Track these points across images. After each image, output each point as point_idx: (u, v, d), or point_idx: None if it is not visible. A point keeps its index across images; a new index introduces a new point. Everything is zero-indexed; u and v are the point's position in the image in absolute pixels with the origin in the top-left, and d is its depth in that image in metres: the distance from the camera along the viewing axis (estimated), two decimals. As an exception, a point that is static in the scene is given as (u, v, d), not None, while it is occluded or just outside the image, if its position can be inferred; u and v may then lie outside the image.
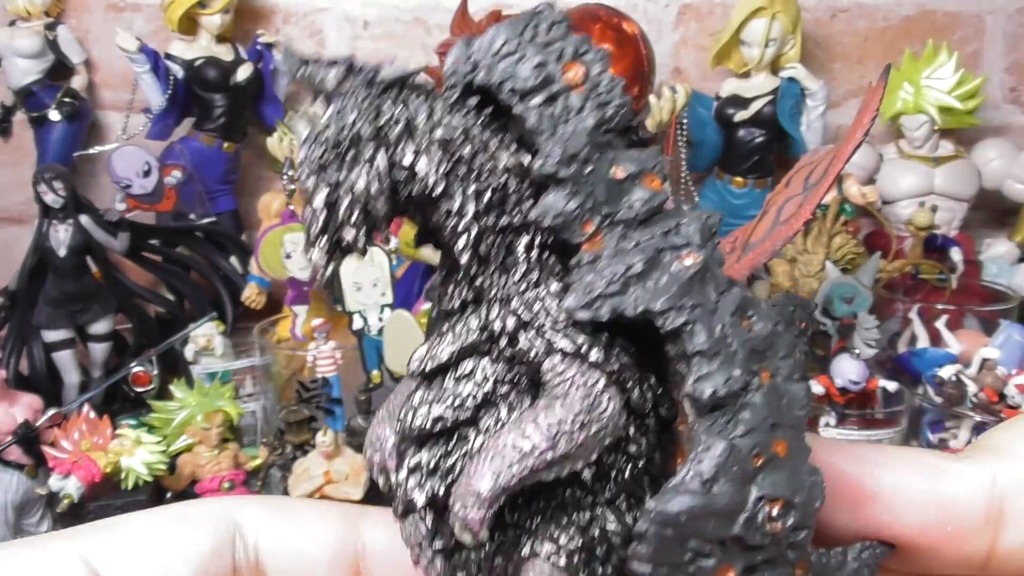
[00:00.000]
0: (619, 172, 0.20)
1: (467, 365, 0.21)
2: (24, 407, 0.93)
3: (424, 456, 0.21)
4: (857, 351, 0.93)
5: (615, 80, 0.21)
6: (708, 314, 0.19)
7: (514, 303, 0.21)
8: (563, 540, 0.21)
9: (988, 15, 1.29)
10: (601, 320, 0.20)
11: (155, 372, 1.05)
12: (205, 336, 1.08)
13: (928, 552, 0.22)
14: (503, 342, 0.21)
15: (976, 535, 0.21)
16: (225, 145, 1.26)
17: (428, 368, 0.21)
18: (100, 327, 1.10)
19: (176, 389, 0.95)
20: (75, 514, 0.87)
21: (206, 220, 1.23)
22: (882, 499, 0.21)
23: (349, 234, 0.20)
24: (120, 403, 1.08)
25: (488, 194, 0.20)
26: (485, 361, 0.21)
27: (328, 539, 0.25)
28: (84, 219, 1.06)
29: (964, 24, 1.30)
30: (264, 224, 1.17)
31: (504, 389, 0.21)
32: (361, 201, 0.20)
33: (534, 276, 0.21)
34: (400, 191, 0.20)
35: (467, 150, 0.20)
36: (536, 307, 0.20)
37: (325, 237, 0.20)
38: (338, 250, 0.20)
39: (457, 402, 0.21)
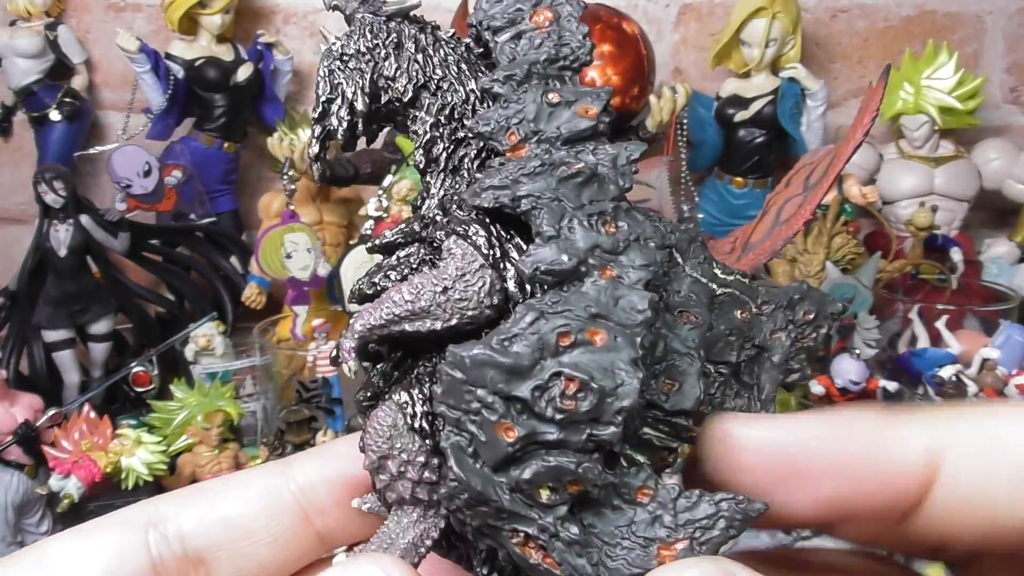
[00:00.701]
0: (554, 97, 0.23)
1: (409, 248, 0.25)
2: (24, 407, 0.93)
3: None
4: (857, 351, 0.93)
5: (580, 27, 0.24)
6: (564, 208, 0.21)
7: (444, 198, 0.24)
8: (416, 393, 0.23)
9: (988, 15, 1.29)
10: (483, 206, 0.22)
11: (155, 372, 1.06)
12: (205, 336, 1.08)
13: (865, 522, 0.22)
14: (429, 228, 0.24)
15: (908, 499, 0.21)
16: (225, 145, 1.26)
17: (376, 244, 0.26)
18: (100, 327, 1.10)
19: (176, 389, 0.96)
20: (75, 514, 0.87)
21: (206, 220, 1.23)
22: (829, 478, 0.21)
23: (333, 123, 0.26)
24: (120, 403, 1.08)
25: (448, 109, 0.25)
26: (418, 245, 0.25)
27: (254, 496, 0.25)
28: (84, 219, 1.06)
29: (964, 24, 1.30)
30: (264, 224, 1.17)
31: (425, 268, 0.24)
32: (347, 99, 0.25)
33: (468, 178, 0.24)
34: (381, 96, 0.25)
35: (439, 72, 0.25)
36: (455, 199, 0.24)
37: (319, 125, 0.26)
38: (326, 135, 0.26)
39: (392, 274, 0.25)
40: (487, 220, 0.23)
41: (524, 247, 0.22)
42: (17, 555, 0.24)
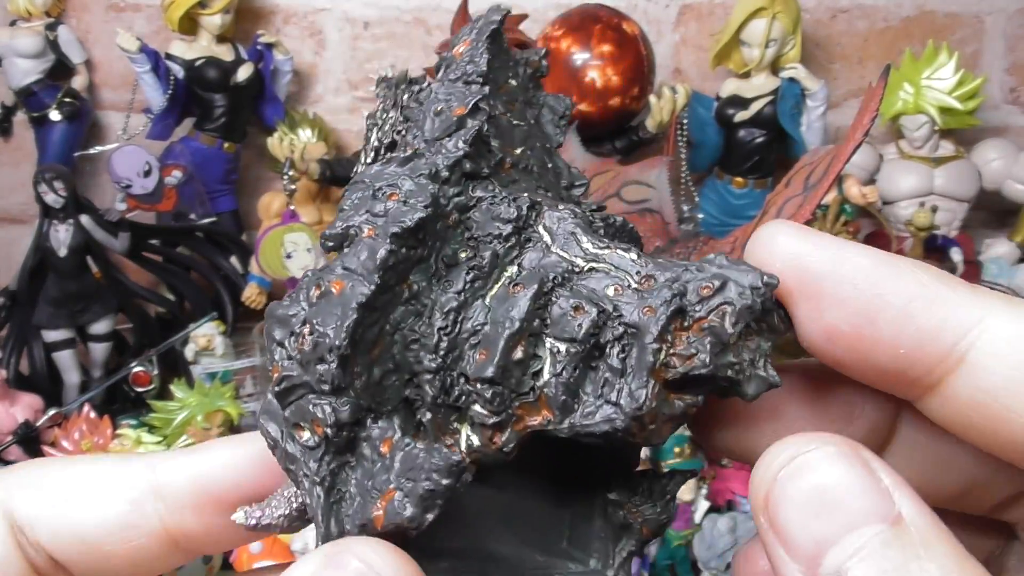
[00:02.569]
0: (439, 107, 0.24)
1: None
2: (24, 407, 0.93)
3: None
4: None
5: (480, 47, 0.25)
6: (365, 185, 0.23)
7: None
8: None
9: (988, 16, 1.29)
10: None
11: (155, 372, 1.06)
12: (205, 336, 1.08)
13: (873, 375, 0.20)
14: None
15: (929, 370, 0.19)
16: (225, 145, 1.26)
17: None
18: (100, 327, 1.10)
19: (176, 389, 0.96)
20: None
21: (206, 220, 1.23)
22: (852, 314, 0.20)
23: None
24: (120, 403, 1.08)
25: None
26: None
27: (114, 514, 0.24)
28: (84, 219, 1.06)
29: (964, 25, 1.30)
30: (264, 224, 1.17)
31: None
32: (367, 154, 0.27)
33: None
34: (381, 149, 0.27)
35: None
36: None
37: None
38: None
39: None
40: None
41: None
42: None
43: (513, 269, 0.22)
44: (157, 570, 0.25)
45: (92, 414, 0.93)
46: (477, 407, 0.21)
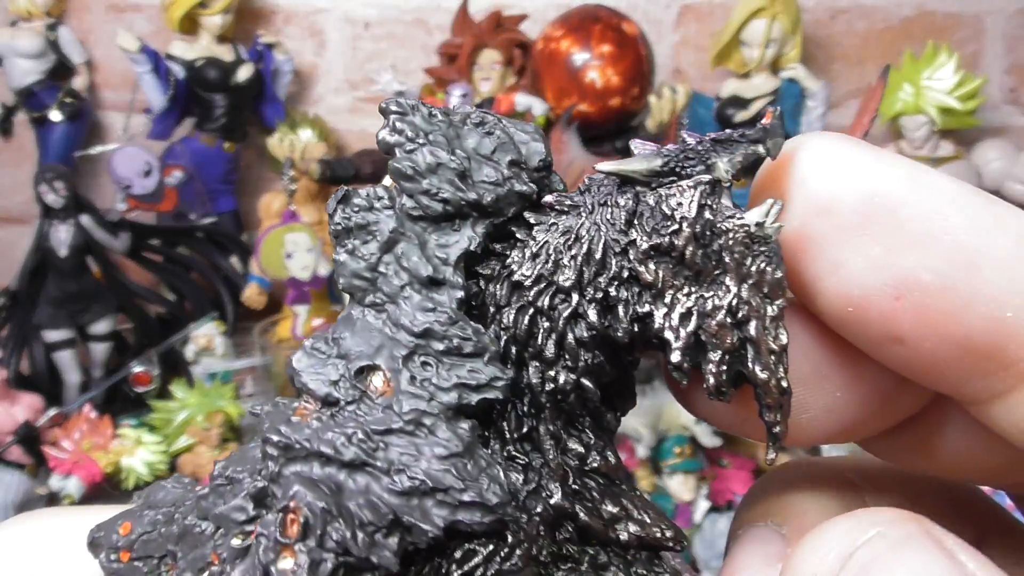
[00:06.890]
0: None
1: None
2: (25, 407, 0.93)
3: None
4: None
5: None
6: None
7: None
8: None
9: (988, 16, 1.29)
10: None
11: (156, 372, 1.06)
12: (206, 336, 1.08)
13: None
14: None
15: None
16: (226, 145, 1.26)
17: None
18: (101, 327, 1.10)
19: (177, 389, 0.96)
20: (76, 514, 0.87)
21: (206, 220, 1.23)
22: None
23: None
24: (121, 403, 1.08)
25: None
26: None
27: None
28: (85, 219, 1.06)
29: (964, 25, 1.30)
30: (264, 224, 1.17)
31: None
32: None
33: None
34: None
35: None
36: None
37: None
38: None
39: None
40: None
41: None
42: None
43: None
44: None
45: (92, 414, 0.93)
46: None
